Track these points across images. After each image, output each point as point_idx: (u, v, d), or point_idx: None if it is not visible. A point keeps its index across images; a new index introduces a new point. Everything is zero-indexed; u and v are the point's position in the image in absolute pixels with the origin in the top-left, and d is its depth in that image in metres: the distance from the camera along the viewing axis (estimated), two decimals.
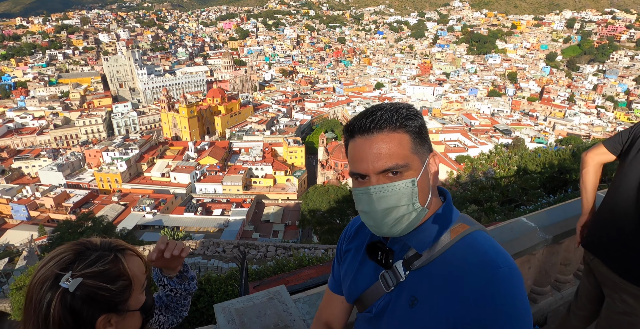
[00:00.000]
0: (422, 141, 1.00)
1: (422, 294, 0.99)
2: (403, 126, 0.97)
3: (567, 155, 14.37)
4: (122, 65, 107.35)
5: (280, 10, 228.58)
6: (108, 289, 0.90)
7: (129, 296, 0.95)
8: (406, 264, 1.03)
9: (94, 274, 0.89)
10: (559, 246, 2.89)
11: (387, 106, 1.00)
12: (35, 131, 77.51)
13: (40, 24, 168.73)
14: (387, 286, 1.06)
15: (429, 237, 1.01)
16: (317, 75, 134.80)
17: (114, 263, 0.93)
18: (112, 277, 0.91)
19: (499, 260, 0.94)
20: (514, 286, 0.92)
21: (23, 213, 47.04)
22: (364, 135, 0.98)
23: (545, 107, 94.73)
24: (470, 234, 1.00)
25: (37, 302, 0.87)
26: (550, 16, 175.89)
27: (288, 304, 1.86)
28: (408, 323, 1.00)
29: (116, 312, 0.93)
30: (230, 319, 1.76)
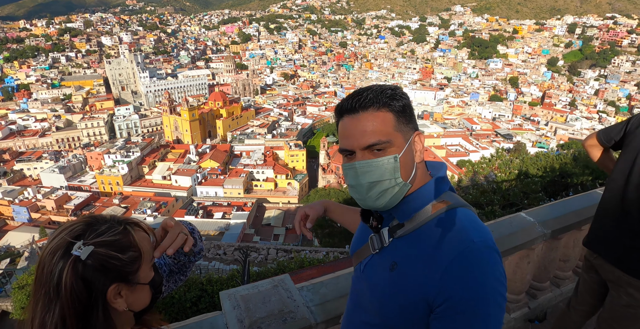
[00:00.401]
0: (406, 120, 1.05)
1: (401, 261, 1.06)
2: (387, 105, 1.03)
3: (568, 159, 14.38)
4: (124, 68, 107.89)
5: (282, 14, 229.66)
6: (119, 258, 0.92)
7: (139, 267, 0.96)
8: (391, 231, 1.11)
9: (105, 243, 0.91)
10: (558, 242, 2.92)
11: (373, 87, 1.06)
12: (38, 133, 77.80)
13: (44, 26, 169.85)
14: (374, 248, 1.16)
15: (409, 209, 1.08)
16: (318, 79, 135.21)
17: (124, 234, 0.95)
18: (122, 247, 0.93)
19: (474, 235, 0.99)
20: (486, 262, 0.95)
21: (24, 215, 47.14)
22: (351, 114, 1.05)
23: (547, 112, 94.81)
24: (451, 210, 1.05)
25: (48, 271, 0.88)
26: (551, 21, 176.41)
27: (292, 291, 1.90)
28: (387, 284, 1.08)
29: (126, 283, 0.95)
30: (235, 305, 1.80)
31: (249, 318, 1.72)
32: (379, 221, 1.17)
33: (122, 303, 0.95)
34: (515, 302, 2.97)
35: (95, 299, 0.90)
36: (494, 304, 0.94)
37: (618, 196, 2.00)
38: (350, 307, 1.30)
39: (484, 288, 0.94)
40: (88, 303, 0.89)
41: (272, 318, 1.74)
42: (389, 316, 1.09)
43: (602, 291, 2.23)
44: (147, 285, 1.00)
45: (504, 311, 0.97)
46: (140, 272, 0.97)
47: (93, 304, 0.90)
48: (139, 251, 0.96)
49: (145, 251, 0.98)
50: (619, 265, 2.02)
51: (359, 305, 1.23)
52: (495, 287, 0.95)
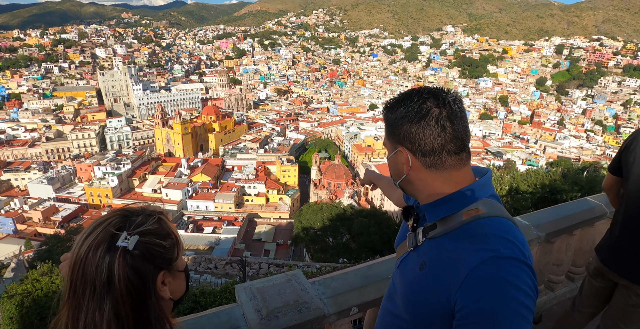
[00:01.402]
0: (390, 134, 1.16)
1: (430, 261, 1.11)
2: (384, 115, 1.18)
3: (557, 176, 14.69)
4: (117, 80, 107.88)
5: (277, 31, 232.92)
6: (162, 245, 0.94)
7: (178, 254, 0.98)
8: (425, 231, 1.17)
9: (147, 232, 0.92)
10: (551, 246, 3.06)
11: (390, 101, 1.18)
12: (27, 143, 76.94)
13: (38, 37, 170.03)
14: (410, 245, 1.24)
15: (438, 212, 1.12)
16: (311, 95, 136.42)
17: (160, 223, 0.96)
18: (162, 235, 0.95)
19: (501, 246, 0.98)
20: (508, 273, 0.94)
21: (10, 226, 46.21)
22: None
23: (536, 130, 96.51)
24: (484, 218, 1.05)
25: (93, 268, 0.86)
26: (539, 42, 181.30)
27: (305, 285, 2.00)
28: (415, 281, 1.14)
29: (169, 270, 0.96)
30: (252, 297, 1.89)
31: (266, 307, 1.81)
32: (416, 220, 1.24)
33: (167, 290, 0.96)
34: None
35: (148, 287, 0.90)
36: (515, 316, 0.92)
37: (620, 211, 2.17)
38: (386, 299, 1.39)
39: (504, 300, 0.92)
40: (143, 291, 0.89)
41: (288, 308, 1.83)
42: (413, 311, 1.14)
43: (608, 293, 2.33)
44: (183, 272, 1.01)
45: (530, 323, 0.94)
46: (178, 260, 0.99)
47: (147, 292, 0.90)
48: (176, 238, 0.98)
49: (180, 239, 1.00)
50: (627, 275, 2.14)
51: (392, 297, 1.31)
52: (518, 298, 0.92)
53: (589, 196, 3.51)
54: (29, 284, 7.56)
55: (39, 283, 7.60)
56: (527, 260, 0.99)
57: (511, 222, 1.08)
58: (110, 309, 0.86)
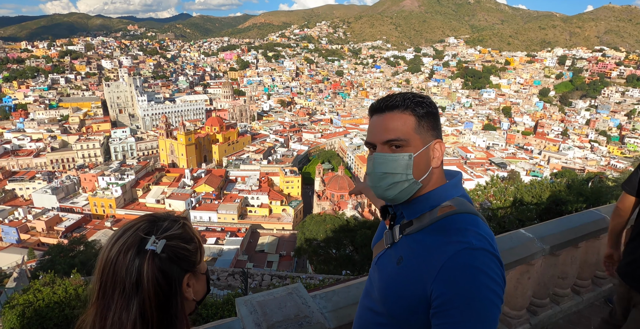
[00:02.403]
0: (428, 126, 1.17)
1: (407, 256, 1.18)
2: (410, 109, 1.16)
3: (562, 187, 14.59)
4: (122, 91, 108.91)
5: (281, 43, 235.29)
6: (187, 249, 0.99)
7: (201, 258, 1.04)
8: (401, 228, 1.25)
9: (174, 236, 0.98)
10: (556, 259, 3.02)
11: (405, 93, 1.20)
12: (32, 153, 77.43)
13: (45, 48, 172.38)
14: (387, 242, 1.30)
15: (416, 210, 1.20)
16: (315, 107, 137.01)
17: (184, 228, 1.02)
18: (187, 239, 1.00)
19: (473, 239, 1.06)
20: (480, 262, 1.02)
21: (13, 236, 46.21)
22: (379, 114, 1.20)
23: (540, 141, 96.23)
24: (455, 214, 1.15)
25: (124, 270, 0.92)
26: (542, 53, 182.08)
27: (306, 298, 1.98)
28: (393, 276, 1.20)
29: (193, 272, 1.01)
30: (252, 310, 1.87)
31: (267, 321, 1.79)
32: (393, 218, 1.31)
33: (191, 292, 1.02)
34: (517, 318, 3.03)
35: (174, 288, 0.96)
36: (487, 301, 0.98)
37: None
38: (363, 296, 1.44)
39: (477, 286, 0.99)
40: (169, 292, 0.95)
41: (289, 322, 1.81)
42: (391, 305, 1.20)
43: None
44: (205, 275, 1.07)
45: (499, 309, 1.01)
46: (201, 263, 1.05)
47: (173, 293, 0.96)
48: (199, 242, 1.04)
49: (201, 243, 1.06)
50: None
51: (370, 294, 1.36)
52: (489, 285, 0.99)
53: (594, 208, 3.48)
54: (31, 294, 7.52)
55: (40, 294, 7.55)
56: (496, 251, 1.07)
57: (480, 219, 1.17)
58: (137, 308, 0.90)
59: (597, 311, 3.45)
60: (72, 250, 23.44)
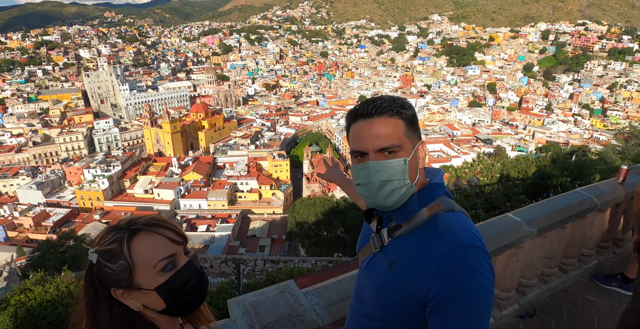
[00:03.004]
0: (413, 128, 1.18)
1: (399, 259, 1.17)
2: (399, 113, 1.14)
3: (547, 161, 14.81)
4: (103, 81, 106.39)
5: (263, 25, 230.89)
6: (109, 267, 0.99)
7: (129, 276, 0.99)
8: (389, 232, 1.23)
9: (102, 251, 1.00)
10: (544, 240, 3.07)
11: (385, 97, 1.19)
12: (14, 149, 75.70)
13: (19, 39, 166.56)
14: (375, 247, 1.28)
15: (406, 211, 1.20)
16: (300, 89, 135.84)
17: (118, 244, 0.99)
18: (113, 256, 0.99)
19: (464, 236, 1.08)
20: (473, 260, 1.04)
21: (0, 234, 45.65)
22: (366, 119, 1.15)
23: (525, 116, 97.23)
24: (444, 213, 1.16)
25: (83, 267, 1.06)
26: (525, 28, 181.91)
27: (298, 296, 1.97)
28: (386, 280, 1.19)
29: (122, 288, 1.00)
30: (245, 312, 1.86)
31: (260, 323, 1.78)
32: (379, 222, 1.28)
33: (133, 303, 1.02)
34: (506, 299, 3.09)
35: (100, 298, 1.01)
36: (482, 299, 1.01)
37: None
38: (354, 300, 1.42)
39: (472, 284, 1.01)
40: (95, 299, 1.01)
41: (282, 322, 1.80)
42: (386, 309, 1.19)
43: None
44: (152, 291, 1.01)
45: (491, 305, 1.05)
46: (137, 279, 1.00)
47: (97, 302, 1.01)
48: (129, 262, 0.99)
49: (140, 258, 0.99)
50: None
51: (361, 299, 1.34)
52: (483, 283, 1.02)
53: (580, 188, 3.53)
54: (22, 294, 7.46)
55: (32, 293, 7.50)
56: (485, 247, 1.10)
57: (466, 216, 1.20)
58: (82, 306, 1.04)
59: (584, 287, 3.54)
60: (62, 245, 23.27)
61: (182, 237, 1.09)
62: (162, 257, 1.01)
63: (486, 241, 2.54)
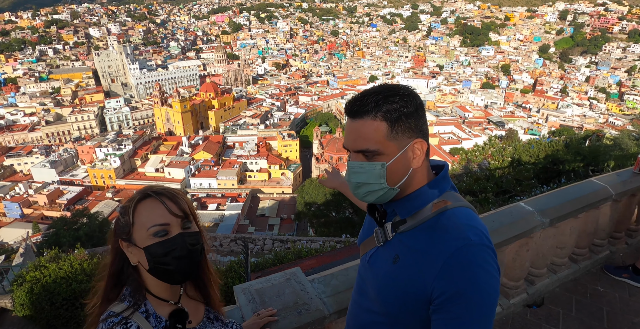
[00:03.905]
0: (404, 128, 1.10)
1: (404, 255, 1.15)
2: (383, 115, 1.08)
3: (560, 146, 14.54)
4: (113, 60, 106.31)
5: (273, 3, 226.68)
6: (119, 219, 1.20)
7: (129, 231, 1.17)
8: (394, 226, 1.21)
9: (121, 206, 1.23)
10: (555, 230, 3.02)
11: (380, 91, 1.12)
12: (27, 128, 76.73)
13: (30, 18, 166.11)
14: (378, 241, 1.26)
15: (411, 207, 1.17)
16: (310, 69, 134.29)
17: (131, 202, 1.18)
18: (125, 212, 1.18)
19: (471, 234, 1.06)
20: (481, 259, 1.03)
21: (16, 211, 46.76)
22: (351, 118, 1.14)
23: (538, 99, 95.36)
24: (451, 209, 1.13)
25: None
26: (543, 8, 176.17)
27: (304, 284, 1.97)
28: (389, 275, 1.18)
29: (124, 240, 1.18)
30: (250, 299, 1.87)
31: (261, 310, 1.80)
32: (383, 216, 1.26)
33: (132, 257, 1.19)
34: (515, 288, 3.07)
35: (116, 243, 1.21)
36: (488, 298, 1.01)
37: None
38: (356, 294, 1.41)
39: (479, 283, 1.00)
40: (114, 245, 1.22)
41: (288, 310, 1.81)
42: (389, 304, 1.19)
43: None
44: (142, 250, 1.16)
45: (496, 304, 1.05)
46: (134, 235, 1.16)
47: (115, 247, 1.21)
48: (131, 220, 1.16)
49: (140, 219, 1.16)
50: None
51: (364, 293, 1.34)
52: (490, 282, 1.02)
53: (594, 178, 3.44)
54: (37, 271, 7.66)
55: (46, 270, 7.70)
56: (491, 244, 1.09)
57: (473, 211, 1.17)
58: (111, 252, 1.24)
59: (594, 278, 3.50)
60: (75, 223, 23.68)
61: (182, 212, 1.18)
62: (155, 223, 1.14)
63: (497, 231, 2.52)
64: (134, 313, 1.15)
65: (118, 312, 1.13)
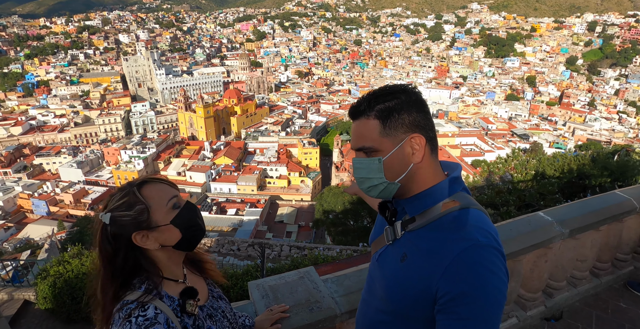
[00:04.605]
0: (398, 124, 1.14)
1: (411, 253, 1.16)
2: (374, 113, 1.15)
3: (586, 160, 14.13)
4: (141, 66, 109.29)
5: (297, 12, 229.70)
6: (127, 214, 1.19)
7: (149, 215, 1.20)
8: (403, 225, 1.22)
9: (116, 207, 1.19)
10: (576, 242, 2.95)
11: (373, 94, 1.19)
12: (57, 129, 79.42)
13: (63, 24, 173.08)
14: (388, 239, 1.28)
15: (420, 205, 1.18)
16: (332, 77, 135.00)
17: (130, 195, 1.21)
18: (130, 205, 1.19)
19: (479, 235, 1.06)
20: (488, 261, 1.02)
21: (43, 208, 48.24)
22: (352, 119, 1.24)
23: (565, 112, 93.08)
24: (462, 210, 1.14)
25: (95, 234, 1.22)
26: (571, 19, 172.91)
27: (317, 283, 2.00)
28: (397, 274, 1.19)
29: (144, 229, 1.20)
30: (264, 295, 1.91)
31: (274, 305, 1.83)
32: (393, 214, 1.28)
33: (151, 243, 1.22)
34: (532, 300, 3.01)
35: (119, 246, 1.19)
36: (493, 300, 1.00)
37: None
38: (366, 292, 1.42)
39: (484, 285, 1.00)
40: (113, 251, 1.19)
41: (300, 307, 1.83)
42: (397, 302, 1.19)
43: None
44: (169, 225, 1.23)
45: (503, 307, 1.03)
46: (154, 218, 1.21)
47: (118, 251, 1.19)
48: (145, 204, 1.20)
49: (154, 200, 1.22)
50: None
51: (373, 291, 1.34)
52: (496, 284, 1.00)
53: (618, 190, 3.36)
54: (61, 266, 7.86)
55: (69, 265, 7.90)
56: (501, 247, 1.08)
57: (484, 213, 1.17)
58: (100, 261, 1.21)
59: (616, 294, 3.40)
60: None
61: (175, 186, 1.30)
62: (170, 196, 1.24)
63: (514, 239, 2.49)
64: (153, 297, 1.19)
65: (133, 299, 1.17)
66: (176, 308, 1.22)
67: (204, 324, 1.28)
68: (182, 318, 1.22)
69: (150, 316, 1.13)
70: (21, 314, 7.70)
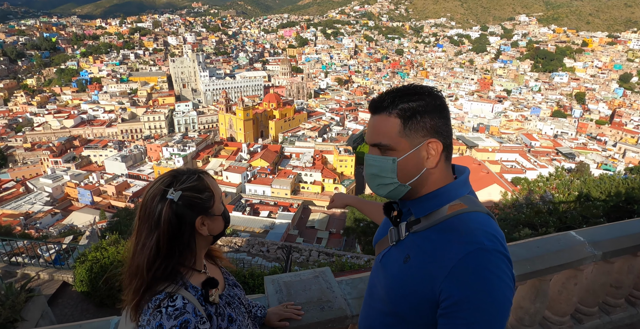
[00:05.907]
0: (418, 126, 1.12)
1: (415, 255, 1.14)
2: (397, 111, 1.12)
3: (637, 184, 13.32)
4: (186, 67, 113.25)
5: (340, 20, 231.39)
6: (199, 198, 1.27)
7: (213, 203, 1.30)
8: (408, 226, 1.21)
9: (188, 188, 1.25)
10: (610, 266, 2.80)
11: (398, 91, 1.16)
12: (105, 123, 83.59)
13: (117, 25, 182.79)
14: (392, 240, 1.27)
15: (426, 207, 1.17)
16: (372, 86, 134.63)
17: (200, 181, 1.29)
18: (200, 190, 1.27)
19: (485, 239, 1.03)
20: (493, 265, 1.00)
21: (88, 198, 50.67)
22: (371, 113, 1.19)
23: (616, 132, 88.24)
24: (466, 213, 1.11)
25: (151, 211, 1.24)
26: (626, 34, 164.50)
27: (331, 283, 2.01)
28: (400, 275, 1.17)
29: (206, 215, 1.29)
30: (278, 290, 1.95)
31: (290, 302, 1.86)
32: (398, 215, 1.27)
33: (205, 230, 1.31)
34: (559, 324, 2.87)
35: (184, 227, 1.25)
36: (497, 305, 0.97)
37: None
38: (368, 294, 1.41)
39: (488, 289, 0.97)
40: (179, 231, 1.24)
41: (311, 304, 1.86)
42: (398, 304, 1.17)
43: None
44: (220, 216, 1.34)
45: (508, 313, 1.00)
46: (214, 207, 1.31)
47: (182, 231, 1.25)
48: (212, 191, 1.30)
49: (216, 191, 1.33)
50: None
51: (375, 293, 1.32)
52: (501, 289, 0.98)
53: None
54: (98, 252, 8.23)
55: (106, 252, 8.25)
56: (507, 252, 1.05)
57: (491, 218, 1.15)
58: (155, 239, 1.21)
59: None
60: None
61: None
62: (221, 191, 1.38)
63: (540, 257, 2.41)
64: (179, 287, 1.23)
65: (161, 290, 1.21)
66: (199, 297, 1.27)
67: (224, 312, 1.34)
68: (206, 306, 1.27)
69: (179, 306, 1.17)
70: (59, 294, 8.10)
